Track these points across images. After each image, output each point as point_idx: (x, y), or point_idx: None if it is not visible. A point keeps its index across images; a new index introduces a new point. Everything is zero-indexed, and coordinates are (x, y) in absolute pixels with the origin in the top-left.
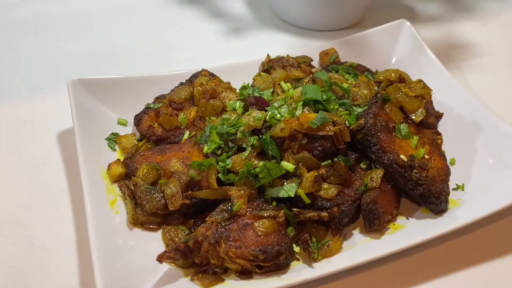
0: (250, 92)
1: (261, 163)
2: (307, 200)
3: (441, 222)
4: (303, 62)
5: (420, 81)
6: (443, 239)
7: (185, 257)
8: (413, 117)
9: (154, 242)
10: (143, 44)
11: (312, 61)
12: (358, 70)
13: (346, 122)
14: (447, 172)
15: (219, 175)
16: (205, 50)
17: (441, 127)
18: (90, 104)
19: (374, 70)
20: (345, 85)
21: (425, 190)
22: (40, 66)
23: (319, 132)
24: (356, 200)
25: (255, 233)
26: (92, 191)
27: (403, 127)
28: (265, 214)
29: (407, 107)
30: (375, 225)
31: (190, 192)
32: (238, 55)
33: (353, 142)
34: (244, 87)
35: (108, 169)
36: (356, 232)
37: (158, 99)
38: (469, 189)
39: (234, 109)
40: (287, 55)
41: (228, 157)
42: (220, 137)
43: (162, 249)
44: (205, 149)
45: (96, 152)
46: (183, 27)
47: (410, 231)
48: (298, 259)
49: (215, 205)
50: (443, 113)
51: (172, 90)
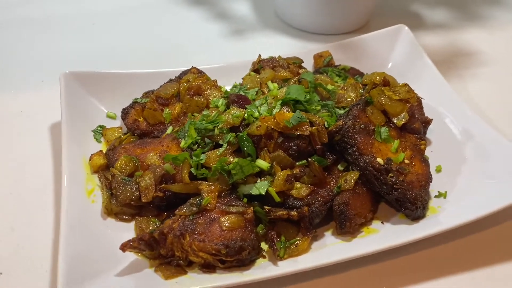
0: (237, 90)
1: (235, 160)
2: (277, 198)
3: (416, 229)
4: (293, 63)
5: (405, 85)
6: (418, 247)
7: (151, 248)
8: (395, 121)
9: (127, 232)
10: (145, 43)
11: (303, 62)
12: (351, 73)
13: (326, 123)
14: (428, 178)
15: (192, 170)
16: (206, 50)
17: (431, 133)
18: (80, 96)
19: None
20: (329, 87)
21: (400, 195)
22: (45, 61)
23: (295, 131)
24: (329, 201)
25: (220, 228)
26: (71, 179)
27: (384, 131)
28: (233, 210)
29: (389, 111)
30: (346, 227)
31: (163, 185)
32: (238, 56)
33: (331, 143)
34: (234, 86)
35: (90, 160)
36: (328, 233)
37: (146, 94)
38: (452, 197)
39: (217, 106)
40: (279, 56)
41: (203, 153)
42: (198, 132)
43: None
44: (182, 144)
45: (81, 143)
46: (187, 28)
47: (382, 235)
48: (264, 257)
49: (188, 199)
50: (432, 119)
51: (160, 86)
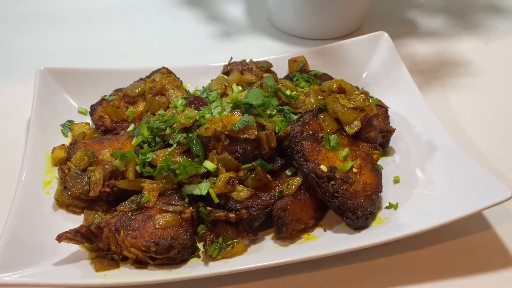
0: (203, 92)
1: (179, 160)
2: (216, 200)
3: (354, 239)
4: (260, 67)
5: (362, 93)
6: (356, 258)
7: (89, 240)
8: (347, 129)
9: (74, 224)
10: (136, 41)
11: (272, 66)
12: (322, 79)
13: (277, 128)
14: (376, 189)
15: (137, 168)
16: (193, 51)
17: (397, 143)
18: (54, 92)
19: None
20: (288, 92)
21: (340, 203)
22: (35, 56)
23: (241, 134)
24: (269, 206)
25: (154, 226)
26: (30, 169)
27: (333, 138)
28: (171, 209)
29: (342, 118)
30: (283, 232)
31: (111, 181)
32: (225, 58)
33: (281, 148)
34: (204, 89)
35: (52, 153)
36: (268, 237)
37: (116, 91)
38: (402, 210)
39: (176, 107)
40: (250, 60)
41: (152, 151)
42: (151, 131)
43: None
44: (133, 142)
45: (48, 136)
46: (178, 28)
47: (320, 243)
48: (199, 256)
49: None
50: (395, 129)
51: (130, 84)
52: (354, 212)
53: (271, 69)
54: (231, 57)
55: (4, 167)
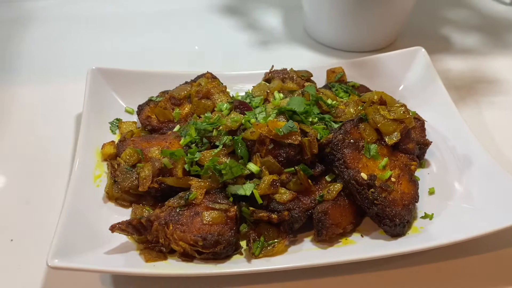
0: (246, 97)
1: (226, 161)
2: (260, 200)
3: (390, 245)
4: (301, 76)
5: (402, 105)
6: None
7: (139, 232)
8: (387, 140)
9: (123, 216)
10: (175, 46)
11: (312, 76)
12: (360, 90)
13: (319, 135)
14: (413, 199)
15: (185, 166)
16: (231, 57)
17: (432, 156)
18: (103, 91)
19: None
20: (329, 101)
21: (379, 210)
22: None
23: (285, 139)
24: (310, 209)
25: (202, 221)
26: (82, 163)
27: (373, 147)
28: (217, 207)
29: (382, 129)
30: (322, 235)
31: (160, 177)
32: (261, 65)
33: (322, 154)
34: (246, 94)
35: (102, 148)
36: (308, 240)
37: (162, 93)
38: (437, 220)
39: (221, 110)
40: (291, 69)
41: (199, 151)
42: (198, 132)
43: None
44: (182, 141)
45: (97, 132)
46: (217, 35)
47: (357, 247)
48: (242, 254)
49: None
50: (431, 142)
51: (176, 87)
52: (392, 220)
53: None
54: (273, 65)
55: (55, 160)
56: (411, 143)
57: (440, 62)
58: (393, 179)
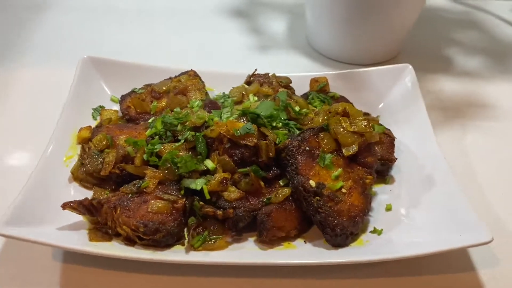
0: (221, 98)
1: (182, 155)
2: (207, 196)
3: (328, 254)
4: (280, 82)
5: (366, 119)
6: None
7: (90, 213)
8: (344, 151)
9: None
10: (179, 44)
11: (291, 82)
12: (338, 102)
13: (277, 140)
14: (361, 211)
15: (144, 156)
16: (230, 59)
17: (399, 173)
18: (92, 79)
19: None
20: (297, 108)
21: (322, 219)
22: (89, 45)
23: (241, 140)
24: (256, 210)
25: (147, 209)
26: (57, 142)
27: (328, 157)
28: (165, 197)
29: (341, 140)
30: (263, 236)
31: (122, 164)
32: (255, 68)
33: (278, 159)
34: (224, 95)
35: (79, 131)
36: (252, 239)
37: (146, 86)
38: (385, 236)
39: (192, 107)
40: (273, 74)
41: (161, 143)
42: (164, 125)
43: None
44: (147, 132)
45: (79, 116)
46: (220, 35)
47: (295, 252)
48: (183, 245)
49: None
50: (396, 159)
51: (160, 81)
52: (333, 229)
53: (291, 85)
54: (256, 69)
55: (38, 139)
56: (371, 157)
57: (436, 82)
58: (344, 190)
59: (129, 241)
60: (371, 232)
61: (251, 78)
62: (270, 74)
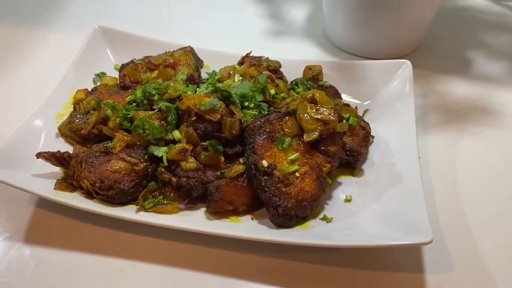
0: (211, 75)
1: (151, 123)
2: (165, 163)
3: (267, 232)
4: (268, 66)
5: (332, 108)
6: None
7: (62, 165)
8: (304, 137)
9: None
10: (198, 22)
11: (280, 67)
12: (327, 91)
13: (243, 119)
14: (311, 197)
15: (118, 120)
16: (243, 40)
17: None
18: (99, 47)
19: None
20: (272, 92)
21: (267, 198)
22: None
23: (206, 115)
24: (209, 182)
25: (107, 167)
26: (53, 100)
27: (287, 140)
28: (127, 159)
29: (303, 126)
30: (210, 207)
31: (100, 125)
32: (264, 53)
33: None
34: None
35: (76, 93)
36: (203, 209)
37: (145, 57)
38: (333, 225)
39: (176, 80)
40: (266, 57)
41: (136, 110)
42: (143, 94)
43: None
44: (127, 99)
45: (80, 79)
46: (238, 18)
47: (237, 226)
48: (137, 204)
49: None
50: (362, 153)
51: (157, 54)
52: (275, 209)
53: (282, 69)
54: (250, 51)
55: (39, 90)
56: (334, 147)
57: (446, 83)
58: (297, 174)
59: (88, 194)
60: (321, 219)
61: (244, 59)
62: (264, 58)
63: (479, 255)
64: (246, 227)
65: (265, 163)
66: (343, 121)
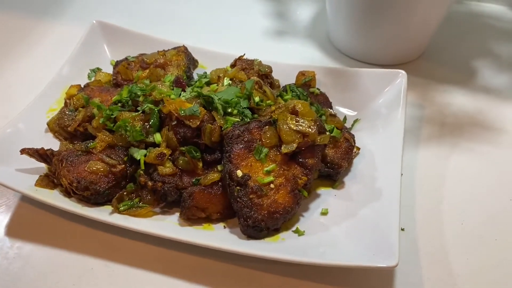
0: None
1: (132, 125)
2: (142, 166)
3: (235, 242)
4: (259, 70)
5: (313, 120)
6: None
7: (45, 161)
8: (282, 148)
9: (52, 147)
10: (200, 18)
11: (271, 72)
12: (317, 99)
13: (224, 126)
14: (284, 210)
15: (101, 120)
16: (243, 39)
17: (350, 180)
18: (97, 42)
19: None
20: (257, 99)
21: (238, 208)
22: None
23: (185, 120)
24: (184, 188)
25: (85, 168)
26: (45, 94)
27: (264, 151)
28: (106, 160)
29: (282, 137)
30: (182, 213)
31: (86, 123)
32: (268, 54)
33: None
34: (202, 75)
35: (69, 88)
36: (177, 214)
37: (140, 55)
38: (305, 238)
39: (164, 82)
40: (259, 61)
41: (120, 111)
42: (129, 95)
43: None
44: (113, 98)
45: (74, 74)
46: (242, 16)
47: (209, 234)
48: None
49: None
50: (343, 166)
51: (151, 53)
52: (245, 220)
53: (273, 74)
54: (244, 54)
55: (36, 80)
56: (312, 159)
57: (447, 94)
58: (272, 185)
59: (67, 193)
60: (293, 231)
61: (236, 62)
62: (256, 61)
63: (453, 279)
64: (216, 235)
65: (239, 173)
66: (326, 133)
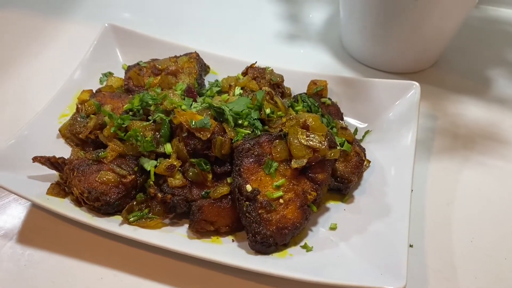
0: (212, 85)
1: (143, 135)
2: (152, 178)
3: (243, 258)
4: (270, 80)
5: (324, 135)
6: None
7: (57, 169)
8: (292, 163)
9: (64, 153)
10: (212, 21)
11: (283, 81)
12: (328, 109)
13: (235, 138)
14: (293, 225)
15: (112, 129)
16: (255, 43)
17: (360, 194)
18: (109, 45)
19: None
20: (268, 111)
21: (246, 223)
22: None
23: (196, 132)
24: (193, 200)
25: (96, 178)
26: (57, 99)
27: (274, 165)
28: (117, 170)
29: (292, 152)
30: (191, 226)
31: (97, 131)
32: (279, 59)
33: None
34: (214, 83)
35: (81, 93)
36: (186, 226)
37: (152, 60)
38: (313, 255)
39: (175, 90)
40: (271, 69)
41: (131, 119)
42: (141, 103)
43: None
44: (124, 107)
45: (86, 78)
46: (255, 20)
47: (217, 248)
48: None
49: None
50: (352, 181)
51: (163, 58)
52: (254, 235)
53: (287, 80)
54: (256, 62)
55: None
56: (322, 174)
57: (460, 104)
58: (281, 200)
59: (78, 202)
60: (301, 247)
61: (248, 70)
62: (268, 70)
63: None
64: (223, 249)
65: (249, 187)
66: (336, 147)
